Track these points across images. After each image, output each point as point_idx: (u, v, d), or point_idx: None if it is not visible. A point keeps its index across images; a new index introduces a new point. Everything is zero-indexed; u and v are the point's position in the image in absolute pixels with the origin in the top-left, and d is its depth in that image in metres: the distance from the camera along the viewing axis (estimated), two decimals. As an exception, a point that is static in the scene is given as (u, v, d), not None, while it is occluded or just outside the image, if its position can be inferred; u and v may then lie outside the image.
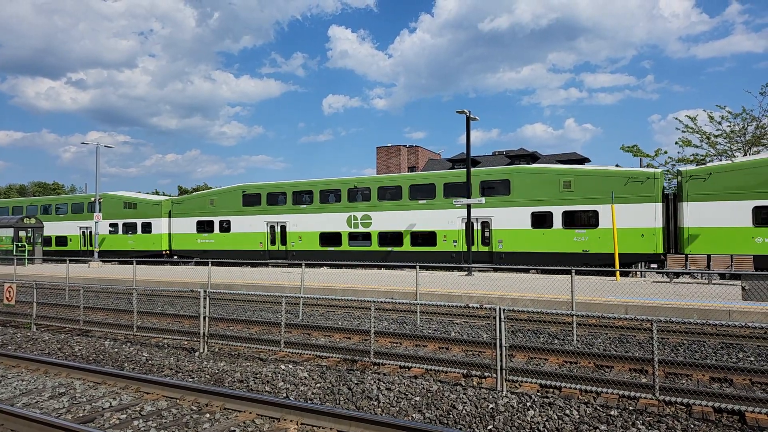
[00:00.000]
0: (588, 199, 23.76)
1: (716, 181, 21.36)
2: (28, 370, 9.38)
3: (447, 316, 14.30)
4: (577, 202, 23.98)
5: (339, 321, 14.24)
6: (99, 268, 30.76)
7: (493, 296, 15.40)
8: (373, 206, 28.55)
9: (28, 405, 7.48)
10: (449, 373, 8.61)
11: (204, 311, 10.50)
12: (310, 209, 30.49)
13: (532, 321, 13.25)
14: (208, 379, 8.75)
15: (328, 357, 9.78)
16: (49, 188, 79.69)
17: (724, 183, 21.20)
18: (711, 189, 21.39)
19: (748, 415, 6.52)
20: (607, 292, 15.50)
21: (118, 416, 6.93)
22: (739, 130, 33.28)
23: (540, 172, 25.35)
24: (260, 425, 6.54)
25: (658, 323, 7.13)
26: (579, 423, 6.42)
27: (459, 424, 6.53)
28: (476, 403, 7.13)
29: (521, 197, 25.17)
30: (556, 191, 24.39)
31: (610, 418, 6.56)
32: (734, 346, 10.51)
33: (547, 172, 25.14)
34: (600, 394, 7.37)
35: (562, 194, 24.27)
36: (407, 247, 27.37)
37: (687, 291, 15.91)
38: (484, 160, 51.12)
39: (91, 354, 10.76)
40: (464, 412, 6.86)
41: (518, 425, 6.41)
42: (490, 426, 6.43)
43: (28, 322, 13.75)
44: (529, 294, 15.68)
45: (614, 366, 9.08)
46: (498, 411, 6.86)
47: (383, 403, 7.29)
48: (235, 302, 17.92)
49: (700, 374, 8.46)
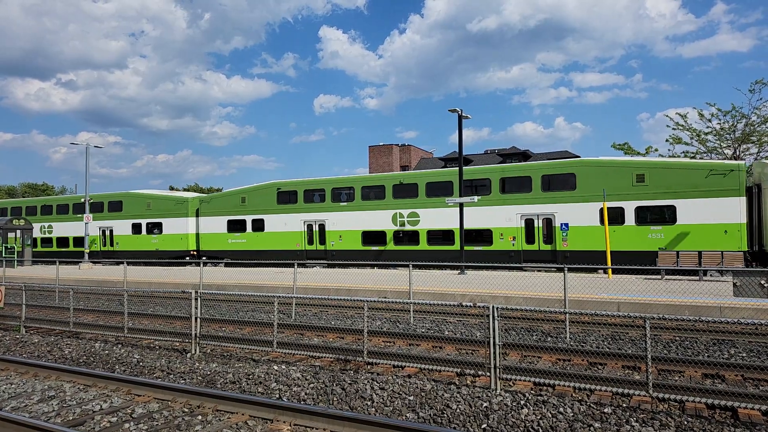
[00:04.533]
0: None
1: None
2: (17, 373, 9.25)
3: (440, 315, 14.28)
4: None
5: (332, 321, 14.18)
6: (90, 270, 30.50)
7: (486, 294, 15.41)
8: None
9: (17, 409, 7.37)
10: (443, 372, 8.58)
11: (195, 312, 10.42)
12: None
13: (525, 319, 13.26)
14: (200, 380, 8.67)
15: (322, 357, 9.73)
16: (38, 189, 78.96)
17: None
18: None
19: (740, 411, 6.54)
20: (599, 290, 15.55)
21: (108, 419, 6.85)
22: (729, 128, 33.54)
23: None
24: (253, 426, 6.48)
25: (651, 320, 7.14)
26: (573, 421, 6.42)
27: (453, 423, 6.50)
28: (470, 402, 7.11)
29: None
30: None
31: (603, 416, 6.56)
32: (726, 342, 10.56)
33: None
34: (593, 391, 7.37)
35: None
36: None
37: (679, 288, 16.00)
38: (476, 158, 51.22)
39: (82, 356, 10.64)
40: (458, 410, 6.84)
41: (512, 423, 6.39)
42: (484, 425, 6.41)
43: (17, 324, 13.59)
44: (522, 292, 15.70)
45: (607, 363, 9.09)
46: (492, 409, 6.84)
47: (377, 402, 7.25)
48: (227, 303, 17.81)
49: (693, 371, 8.49)
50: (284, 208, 31.00)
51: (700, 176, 21.83)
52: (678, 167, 22.62)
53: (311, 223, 30.21)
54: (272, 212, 31.32)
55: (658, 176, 22.61)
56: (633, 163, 23.59)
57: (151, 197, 36.07)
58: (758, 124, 32.76)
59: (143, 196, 36.45)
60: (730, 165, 21.63)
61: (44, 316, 15.22)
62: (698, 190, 21.53)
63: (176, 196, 36.64)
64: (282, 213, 30.99)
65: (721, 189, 21.36)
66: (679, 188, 22.08)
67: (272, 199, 31.47)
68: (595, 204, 23.32)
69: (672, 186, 22.25)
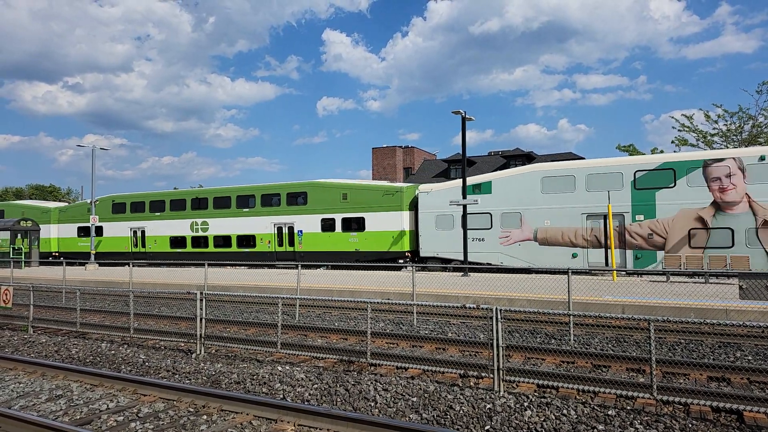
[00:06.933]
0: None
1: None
2: (25, 372, 9.34)
3: (444, 317, 14.29)
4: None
5: (336, 322, 14.22)
6: (96, 270, 30.68)
7: (490, 296, 15.40)
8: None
9: (25, 407, 7.44)
10: (446, 373, 8.59)
11: (200, 313, 10.47)
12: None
13: (528, 321, 13.25)
14: (205, 380, 8.72)
15: (325, 358, 9.75)
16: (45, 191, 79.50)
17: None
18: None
19: (746, 415, 6.52)
20: (604, 292, 15.51)
21: (115, 418, 6.90)
22: (736, 129, 33.38)
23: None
24: (257, 426, 6.51)
25: (656, 322, 7.13)
26: (576, 423, 6.42)
27: (456, 424, 6.52)
28: (473, 404, 7.12)
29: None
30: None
31: (607, 418, 6.56)
32: (732, 345, 10.52)
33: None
34: (597, 393, 7.37)
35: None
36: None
37: (684, 290, 15.93)
38: (480, 160, 51.14)
39: (88, 356, 10.72)
40: (461, 412, 6.85)
41: (515, 425, 6.40)
42: (487, 426, 6.42)
43: (25, 324, 13.70)
44: (526, 294, 15.68)
45: (611, 366, 9.08)
46: (495, 411, 6.85)
47: (380, 403, 7.28)
48: (231, 304, 17.88)
49: (698, 373, 8.46)
50: (117, 217, 36.73)
51: (378, 195, 27.89)
52: (366, 188, 28.73)
53: (136, 230, 35.97)
54: (109, 220, 36.99)
55: (355, 195, 28.59)
56: (340, 185, 29.46)
57: (25, 207, 41.46)
58: (765, 125, 32.61)
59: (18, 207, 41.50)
60: (396, 187, 27.93)
61: (51, 317, 15.33)
62: (378, 206, 27.65)
63: (43, 206, 42.09)
64: (115, 221, 36.76)
65: (390, 205, 27.47)
66: (367, 204, 28.09)
67: (109, 210, 37.04)
68: (319, 215, 29.47)
69: (363, 202, 28.23)
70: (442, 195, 26.19)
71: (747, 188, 20.21)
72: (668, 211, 21.43)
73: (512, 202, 24.43)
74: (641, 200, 21.99)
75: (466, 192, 23.42)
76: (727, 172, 20.48)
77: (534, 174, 24.29)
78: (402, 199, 27.45)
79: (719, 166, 20.64)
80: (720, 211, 20.59)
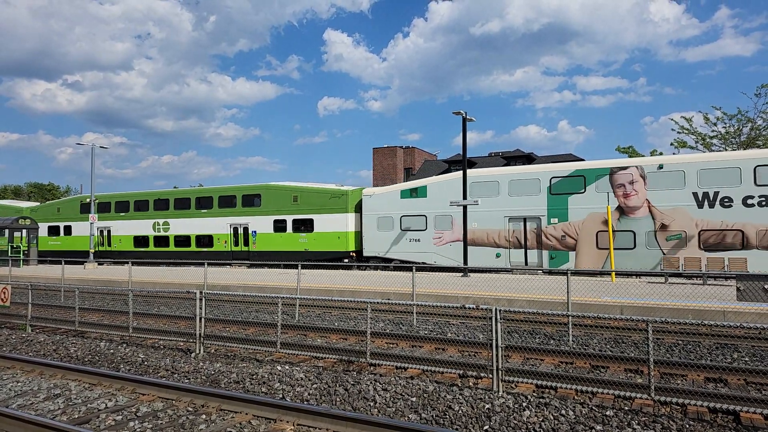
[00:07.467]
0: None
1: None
2: (23, 371, 9.34)
3: (443, 317, 14.31)
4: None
5: (335, 322, 14.23)
6: (94, 269, 30.65)
7: (489, 297, 15.42)
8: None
9: (23, 406, 7.45)
10: (445, 373, 8.61)
11: (200, 312, 10.48)
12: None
13: (527, 321, 13.27)
14: (204, 380, 8.73)
15: (325, 358, 9.77)
16: (44, 189, 79.45)
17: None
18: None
19: (742, 415, 6.55)
20: (602, 293, 15.54)
21: (113, 417, 6.91)
22: (735, 132, 33.44)
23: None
24: (256, 426, 6.53)
25: (654, 324, 7.15)
26: (575, 423, 6.44)
27: (455, 424, 6.54)
28: (472, 404, 7.14)
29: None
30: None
31: (605, 419, 6.58)
32: (729, 347, 10.55)
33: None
34: (596, 394, 7.39)
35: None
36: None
37: (682, 291, 15.97)
38: (481, 161, 51.16)
39: (87, 355, 10.72)
40: (460, 412, 6.87)
41: (514, 425, 6.42)
42: (486, 426, 6.44)
43: (23, 323, 13.69)
44: (525, 294, 15.71)
45: (610, 366, 9.10)
46: (494, 411, 6.87)
47: (379, 403, 7.29)
48: (231, 303, 17.89)
49: (696, 374, 8.49)
50: (85, 217, 36.82)
51: (326, 198, 28.82)
52: (315, 191, 29.50)
53: (102, 229, 37.03)
54: (77, 220, 38.18)
55: (304, 197, 29.57)
56: (291, 188, 30.32)
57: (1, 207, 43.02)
58: (764, 128, 32.67)
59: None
60: (343, 191, 28.61)
61: (50, 315, 15.33)
62: (325, 208, 28.63)
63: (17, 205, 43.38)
64: (83, 221, 37.13)
65: (336, 207, 28.46)
66: (316, 206, 29.07)
67: (77, 210, 38.25)
68: (272, 216, 30.36)
69: (312, 204, 29.21)
70: (383, 198, 27.94)
71: (647, 194, 21.61)
72: (579, 214, 22.90)
73: (445, 205, 25.35)
74: (556, 205, 23.47)
75: (466, 192, 23.42)
76: (630, 179, 21.93)
77: None
78: (347, 202, 28.67)
79: (623, 173, 22.10)
80: (624, 215, 22.00)
